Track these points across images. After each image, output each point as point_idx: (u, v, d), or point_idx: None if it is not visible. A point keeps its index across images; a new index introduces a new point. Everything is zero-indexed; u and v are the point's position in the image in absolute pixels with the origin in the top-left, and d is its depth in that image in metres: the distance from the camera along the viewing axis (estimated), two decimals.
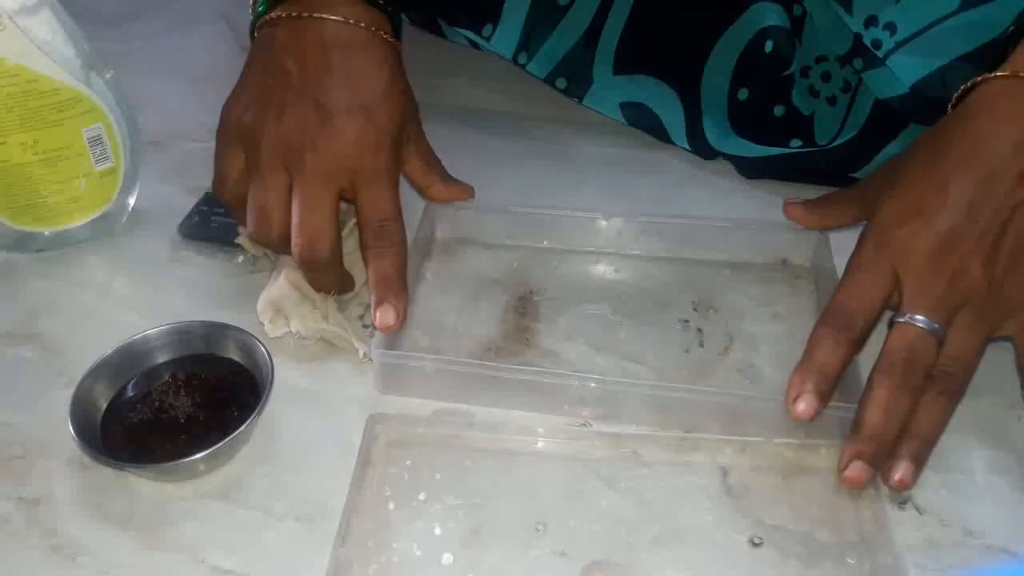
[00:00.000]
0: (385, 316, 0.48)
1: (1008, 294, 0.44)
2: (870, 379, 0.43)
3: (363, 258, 0.51)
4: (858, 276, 0.45)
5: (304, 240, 0.49)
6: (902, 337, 0.43)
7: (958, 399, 0.44)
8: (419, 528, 0.43)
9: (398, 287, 0.49)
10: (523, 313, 0.54)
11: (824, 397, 0.43)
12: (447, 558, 0.42)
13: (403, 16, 0.75)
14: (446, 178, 0.57)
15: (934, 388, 0.43)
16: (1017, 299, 0.44)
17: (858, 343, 0.44)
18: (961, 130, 0.46)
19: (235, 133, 0.52)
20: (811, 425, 0.45)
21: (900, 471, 0.42)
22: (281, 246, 0.51)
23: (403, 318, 0.49)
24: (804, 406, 0.43)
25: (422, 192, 0.57)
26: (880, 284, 0.44)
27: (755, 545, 0.42)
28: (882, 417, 0.42)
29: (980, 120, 0.46)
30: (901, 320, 0.44)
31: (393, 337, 0.50)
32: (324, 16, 0.51)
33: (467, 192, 0.58)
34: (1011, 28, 0.48)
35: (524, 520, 0.43)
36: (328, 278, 0.51)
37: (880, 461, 0.42)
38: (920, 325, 0.43)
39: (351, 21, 0.51)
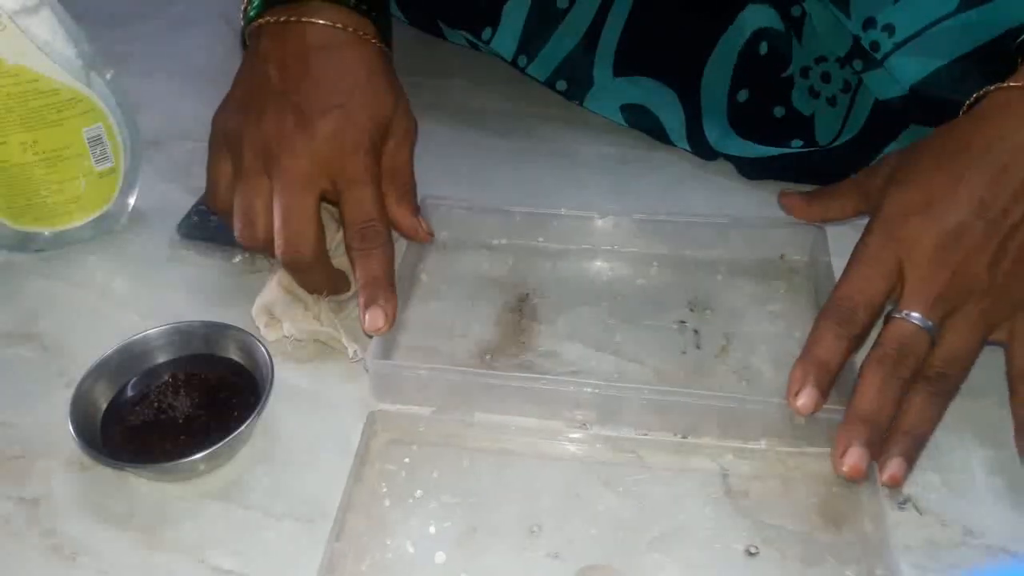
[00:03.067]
0: (374, 318, 0.48)
1: (1009, 296, 0.44)
2: (861, 369, 0.44)
3: (349, 259, 0.51)
4: (862, 269, 0.45)
5: (285, 243, 0.49)
6: (896, 332, 0.44)
7: (952, 398, 0.44)
8: (414, 526, 0.43)
9: (386, 289, 0.49)
10: (520, 314, 0.54)
11: (825, 391, 0.43)
12: (440, 557, 0.42)
13: (402, 17, 0.76)
14: (409, 203, 0.53)
15: (928, 388, 0.43)
16: (1017, 302, 0.44)
17: (860, 338, 0.44)
18: (975, 130, 0.46)
19: (222, 140, 0.52)
20: (812, 432, 0.45)
21: (892, 467, 0.42)
22: (268, 250, 0.50)
23: (392, 320, 0.48)
24: (805, 400, 0.43)
25: None
26: (884, 277, 0.44)
27: (751, 555, 0.42)
28: (875, 402, 0.42)
29: (995, 122, 0.46)
30: (897, 316, 0.44)
31: (388, 339, 0.50)
32: (307, 20, 0.52)
33: (421, 232, 0.53)
34: (1022, 38, 0.48)
35: (519, 521, 0.43)
36: (315, 279, 0.51)
37: (876, 446, 0.42)
38: (915, 323, 0.43)
39: (334, 24, 0.52)
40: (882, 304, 0.45)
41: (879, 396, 0.43)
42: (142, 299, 0.56)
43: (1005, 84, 0.47)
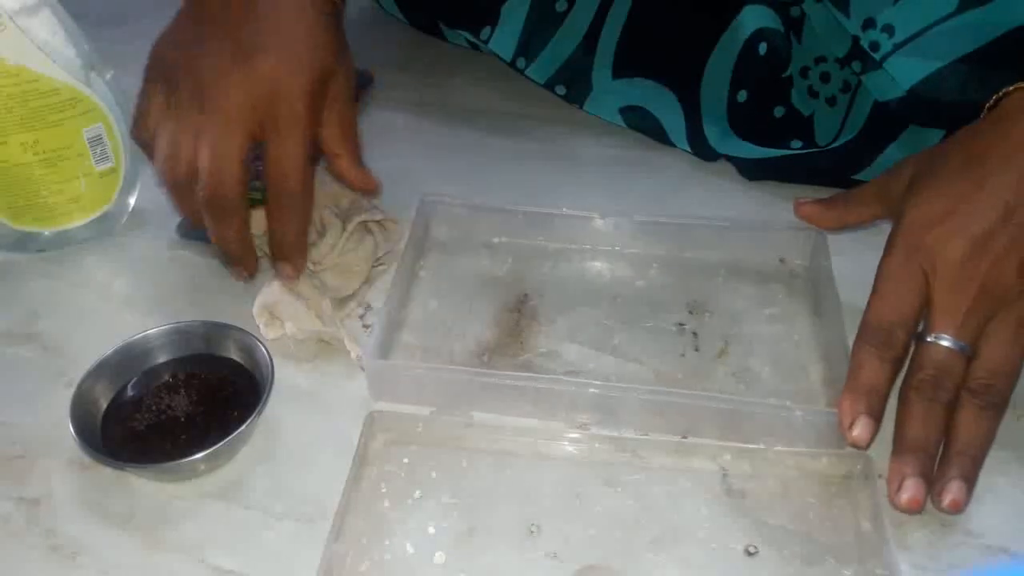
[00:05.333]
0: (283, 270, 0.51)
1: None
2: (901, 398, 0.43)
3: (266, 214, 0.50)
4: (891, 285, 0.44)
5: (209, 179, 0.47)
6: (929, 357, 0.43)
7: (1002, 411, 0.43)
8: (413, 526, 0.43)
9: (297, 249, 0.51)
10: (519, 314, 0.54)
11: (879, 418, 0.42)
12: (440, 557, 0.42)
13: (403, 17, 0.76)
14: (357, 158, 0.52)
15: (976, 401, 0.42)
16: None
17: (901, 359, 0.44)
18: (997, 134, 0.45)
19: (158, 71, 0.50)
20: (810, 435, 0.45)
21: (952, 492, 0.41)
22: (185, 187, 0.48)
23: (300, 272, 0.51)
24: (860, 431, 0.42)
25: (329, 160, 0.52)
26: (914, 290, 0.43)
27: (750, 554, 0.42)
28: (921, 430, 0.42)
29: (1018, 125, 0.45)
30: (928, 339, 0.43)
31: (386, 337, 0.50)
32: None
33: (369, 183, 0.52)
34: None
35: (518, 521, 0.43)
36: (231, 227, 0.49)
37: (929, 474, 0.42)
38: (947, 345, 0.43)
39: None
40: (917, 319, 0.44)
41: (924, 424, 0.42)
42: (142, 299, 0.56)
43: None
